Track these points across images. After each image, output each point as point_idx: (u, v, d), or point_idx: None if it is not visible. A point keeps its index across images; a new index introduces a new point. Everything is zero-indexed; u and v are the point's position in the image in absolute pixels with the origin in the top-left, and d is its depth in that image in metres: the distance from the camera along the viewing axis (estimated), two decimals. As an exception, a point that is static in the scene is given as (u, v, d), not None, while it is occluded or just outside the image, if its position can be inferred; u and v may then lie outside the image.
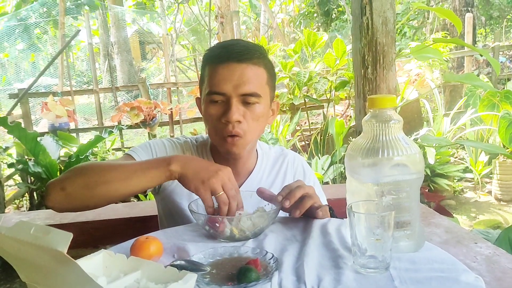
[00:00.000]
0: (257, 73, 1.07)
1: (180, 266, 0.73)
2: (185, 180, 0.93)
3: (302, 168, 1.29)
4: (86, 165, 1.00)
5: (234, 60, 1.05)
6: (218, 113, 1.07)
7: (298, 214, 0.96)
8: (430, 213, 1.41)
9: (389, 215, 0.74)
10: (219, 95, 1.06)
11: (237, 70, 1.05)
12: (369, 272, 0.74)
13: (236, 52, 1.06)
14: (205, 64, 1.11)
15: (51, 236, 0.52)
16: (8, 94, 5.41)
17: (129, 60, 11.66)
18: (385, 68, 1.72)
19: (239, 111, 1.05)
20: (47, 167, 3.78)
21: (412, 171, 0.82)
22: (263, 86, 1.09)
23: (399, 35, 10.24)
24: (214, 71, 1.07)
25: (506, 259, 1.00)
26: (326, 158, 3.90)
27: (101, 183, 0.94)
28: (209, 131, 1.12)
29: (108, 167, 0.97)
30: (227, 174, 0.93)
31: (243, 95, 1.05)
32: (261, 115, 1.09)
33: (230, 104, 1.05)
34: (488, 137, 4.57)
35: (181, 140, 1.23)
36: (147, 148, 1.16)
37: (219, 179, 0.91)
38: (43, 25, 11.36)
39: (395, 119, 0.83)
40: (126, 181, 0.94)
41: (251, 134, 1.09)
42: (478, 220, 3.78)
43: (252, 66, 1.06)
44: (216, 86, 1.05)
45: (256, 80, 1.07)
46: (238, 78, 1.04)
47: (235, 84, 1.04)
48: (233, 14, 7.43)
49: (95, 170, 0.97)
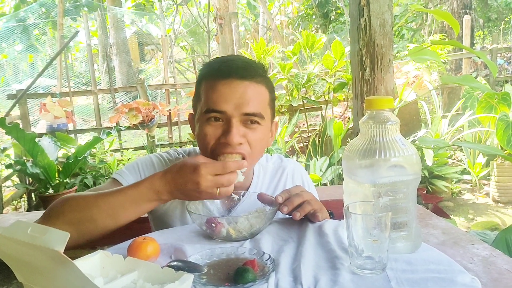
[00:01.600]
0: (259, 92, 0.99)
1: (177, 267, 0.73)
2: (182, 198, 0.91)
3: (302, 180, 1.23)
4: (67, 199, 0.92)
5: (235, 77, 0.97)
6: (216, 133, 0.97)
7: (298, 216, 0.94)
8: (427, 214, 1.42)
9: (386, 216, 0.74)
10: (219, 113, 0.97)
11: (239, 87, 0.96)
12: (366, 273, 0.75)
13: (238, 68, 0.98)
14: (202, 79, 1.03)
15: (48, 236, 0.52)
16: (7, 95, 5.40)
17: (127, 61, 11.66)
18: (383, 69, 1.72)
19: (239, 133, 0.96)
20: (45, 168, 3.78)
21: (409, 172, 0.82)
22: (266, 106, 1.02)
23: (397, 37, 10.26)
24: (213, 87, 0.98)
25: (503, 261, 1.00)
26: (324, 159, 3.91)
27: (86, 221, 0.88)
28: (203, 152, 1.02)
29: (93, 200, 0.89)
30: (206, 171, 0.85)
31: (245, 115, 0.97)
32: (262, 138, 1.01)
33: (230, 124, 0.96)
34: (486, 139, 4.58)
35: (172, 156, 1.16)
36: (134, 170, 1.10)
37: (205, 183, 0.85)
38: (42, 26, 11.35)
39: (392, 120, 0.83)
40: (114, 216, 0.88)
41: (253, 157, 1.02)
42: (476, 221, 3.78)
43: (255, 85, 0.99)
44: (215, 103, 0.96)
45: (258, 99, 0.99)
46: (240, 96, 0.96)
47: (236, 102, 0.96)
48: (232, 16, 7.44)
49: (79, 206, 0.89)
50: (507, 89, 4.66)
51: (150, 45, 15.90)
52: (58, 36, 7.84)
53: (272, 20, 10.12)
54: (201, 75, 1.05)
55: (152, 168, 1.11)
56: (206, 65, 1.06)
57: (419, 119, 4.92)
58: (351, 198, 0.86)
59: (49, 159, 3.78)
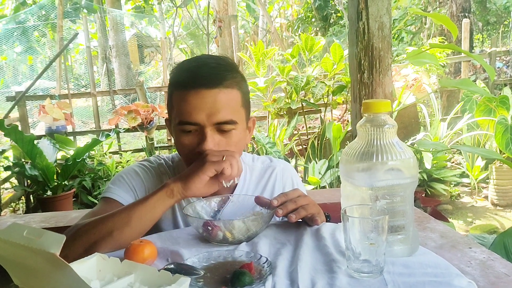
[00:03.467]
0: (230, 98, 0.98)
1: (173, 270, 0.73)
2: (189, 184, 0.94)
3: (291, 181, 1.21)
4: (77, 227, 0.92)
5: (204, 86, 0.96)
6: (192, 143, 0.99)
7: (293, 219, 0.94)
8: (425, 217, 1.41)
9: (383, 219, 0.74)
10: (192, 125, 0.98)
11: (209, 97, 0.96)
12: (363, 277, 0.75)
13: (205, 76, 0.97)
14: (172, 89, 1.02)
15: (44, 239, 0.52)
16: (6, 97, 5.40)
17: (127, 63, 11.67)
18: (381, 72, 1.72)
19: (214, 141, 0.98)
20: (44, 170, 3.78)
21: (406, 176, 0.82)
22: (238, 110, 1.01)
23: (397, 40, 10.28)
24: (183, 99, 0.98)
25: (500, 264, 1.00)
26: (323, 162, 3.91)
27: (102, 239, 0.88)
28: (183, 160, 1.05)
29: (102, 219, 0.90)
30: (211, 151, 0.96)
31: (217, 124, 0.98)
32: (238, 140, 1.02)
33: (204, 134, 0.97)
34: (485, 142, 4.58)
35: (154, 163, 1.15)
36: (122, 183, 1.09)
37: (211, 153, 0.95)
38: (42, 28, 11.36)
39: (390, 123, 0.83)
40: (127, 224, 0.89)
41: None
42: (475, 225, 3.78)
43: (225, 90, 0.97)
44: (187, 116, 0.97)
45: (230, 105, 0.98)
46: (210, 106, 0.96)
47: (208, 112, 0.96)
48: (231, 18, 7.45)
49: (89, 229, 0.90)
50: (506, 92, 4.67)
51: (150, 47, 15.92)
52: (57, 38, 7.85)
53: (272, 23, 10.14)
54: (170, 84, 1.04)
55: (138, 177, 1.10)
56: (174, 73, 1.04)
57: (418, 122, 4.93)
58: (349, 201, 0.86)
59: (48, 161, 3.78)
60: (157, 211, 0.93)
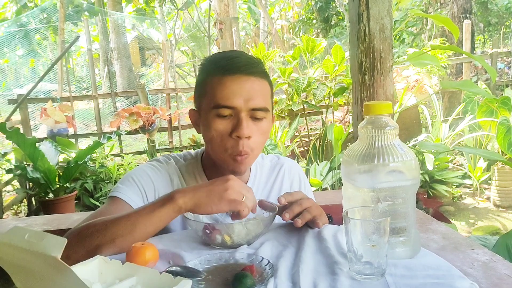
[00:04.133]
0: (263, 87, 1.04)
1: (175, 272, 0.73)
2: (200, 207, 0.88)
3: (299, 178, 1.25)
4: (81, 229, 0.91)
5: (243, 73, 1.00)
6: (226, 128, 1.01)
7: (299, 224, 0.95)
8: (427, 219, 1.41)
9: (385, 221, 0.74)
10: (228, 109, 1.00)
11: (247, 83, 1.00)
12: (365, 279, 0.74)
13: (244, 64, 1.02)
14: (207, 75, 1.04)
15: (45, 242, 0.52)
16: (8, 100, 5.42)
17: (128, 66, 11.69)
18: (383, 74, 1.72)
19: (248, 127, 1.00)
20: (45, 173, 3.79)
21: (407, 177, 0.82)
22: (269, 100, 1.06)
23: (398, 41, 10.28)
24: (221, 83, 1.00)
25: (503, 266, 0.99)
26: (324, 164, 3.91)
27: (104, 244, 0.87)
28: (214, 147, 1.04)
29: (106, 224, 0.89)
30: (235, 180, 0.90)
31: (252, 110, 1.01)
32: (267, 130, 1.06)
33: (240, 118, 1.00)
34: (487, 143, 4.58)
35: (163, 162, 1.15)
36: (131, 183, 1.08)
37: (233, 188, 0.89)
38: (43, 31, 11.40)
39: (391, 125, 0.83)
40: (131, 233, 0.87)
41: (257, 150, 1.05)
42: (477, 226, 3.78)
43: (260, 80, 1.03)
44: (225, 99, 0.99)
45: (263, 94, 1.03)
46: (248, 91, 1.00)
47: (245, 98, 0.99)
48: (232, 21, 7.47)
49: (93, 233, 0.89)
50: (508, 93, 4.66)
51: (151, 49, 15.95)
52: (59, 41, 7.87)
53: (273, 24, 10.15)
54: (206, 71, 1.06)
55: (148, 178, 1.09)
56: (210, 61, 1.07)
57: (419, 124, 4.92)
58: (350, 203, 0.86)
59: (50, 164, 3.79)
60: (162, 223, 0.90)
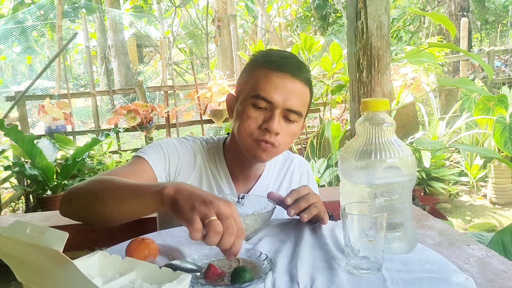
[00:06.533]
0: (304, 92, 1.07)
1: (175, 267, 0.74)
2: (175, 206, 0.75)
3: (307, 173, 1.30)
4: (98, 179, 0.94)
5: (290, 73, 1.04)
6: (258, 118, 1.05)
7: (306, 218, 0.96)
8: (424, 215, 1.43)
9: (382, 217, 0.75)
10: (266, 102, 1.04)
11: (290, 83, 1.04)
12: (362, 273, 0.75)
13: (294, 66, 1.05)
14: (256, 65, 1.09)
15: (47, 236, 0.52)
16: (5, 97, 5.40)
17: (126, 63, 11.66)
18: (380, 72, 1.73)
19: (279, 124, 1.04)
20: (43, 170, 3.78)
21: (404, 173, 0.83)
22: (305, 106, 1.09)
23: (395, 39, 10.29)
24: (267, 76, 1.04)
25: (498, 261, 1.01)
26: (322, 161, 3.92)
27: (98, 202, 0.89)
28: (241, 131, 1.06)
29: (111, 184, 0.90)
30: (229, 207, 0.73)
31: (287, 110, 1.04)
32: (295, 134, 1.10)
33: (273, 114, 1.03)
34: (483, 141, 4.60)
35: (190, 140, 1.19)
36: (158, 150, 1.11)
37: (214, 207, 0.72)
38: (41, 28, 11.35)
39: (388, 122, 0.84)
40: (120, 204, 0.86)
41: (283, 147, 1.09)
42: (473, 223, 3.80)
43: (303, 85, 1.06)
44: (266, 92, 1.03)
45: (302, 98, 1.06)
46: (289, 91, 1.04)
47: (284, 96, 1.03)
48: (230, 18, 7.45)
49: (99, 187, 0.91)
50: (504, 91, 4.68)
51: (149, 47, 15.91)
52: (56, 38, 7.84)
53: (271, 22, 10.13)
54: (256, 61, 1.10)
55: (174, 149, 1.13)
56: (263, 54, 1.11)
57: (416, 121, 4.94)
58: (348, 199, 0.87)
59: (48, 161, 3.79)
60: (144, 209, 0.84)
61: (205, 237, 0.70)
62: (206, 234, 0.70)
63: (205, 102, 5.07)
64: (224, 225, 0.70)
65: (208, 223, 0.70)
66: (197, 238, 0.70)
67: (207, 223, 0.70)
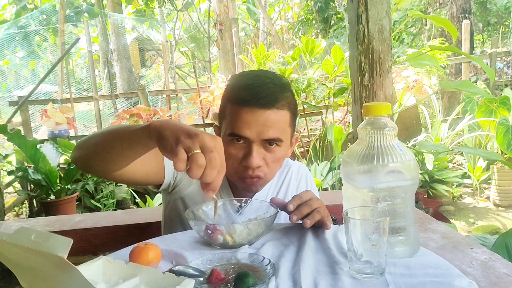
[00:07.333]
0: (280, 118, 1.04)
1: (178, 272, 0.74)
2: (161, 138, 0.75)
3: (306, 180, 1.29)
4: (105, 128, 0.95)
5: (259, 106, 1.02)
6: (238, 155, 1.05)
7: (308, 224, 0.95)
8: (427, 218, 1.42)
9: (384, 221, 0.75)
10: (241, 138, 1.04)
11: (261, 116, 1.02)
12: (365, 277, 0.75)
13: (262, 97, 1.02)
14: (227, 101, 1.08)
15: (52, 242, 0.53)
16: (8, 102, 5.43)
17: (128, 67, 11.70)
18: (382, 75, 1.73)
19: (259, 156, 1.04)
20: (47, 174, 3.79)
21: (407, 178, 0.83)
22: (285, 129, 1.07)
23: (397, 41, 10.29)
24: (237, 113, 1.04)
25: (502, 264, 1.00)
26: (325, 164, 3.91)
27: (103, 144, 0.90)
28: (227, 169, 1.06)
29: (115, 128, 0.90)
30: (214, 140, 0.72)
31: (265, 141, 1.04)
32: (281, 157, 1.09)
33: (251, 148, 1.03)
34: (486, 143, 4.58)
35: None
36: None
37: (198, 139, 0.71)
38: (43, 33, 11.40)
39: (390, 126, 0.84)
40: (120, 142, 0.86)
41: (270, 174, 1.09)
42: (477, 225, 3.78)
43: (277, 111, 1.03)
44: (238, 129, 1.03)
45: (279, 125, 1.04)
46: (261, 124, 1.02)
47: (258, 130, 1.02)
48: (232, 21, 7.47)
49: (105, 131, 0.92)
50: (507, 93, 4.67)
51: (151, 50, 15.96)
52: (59, 43, 7.87)
53: (272, 25, 10.15)
54: (227, 97, 1.09)
55: None
56: (232, 86, 1.09)
57: (419, 124, 4.93)
58: (350, 203, 0.87)
59: (51, 165, 3.80)
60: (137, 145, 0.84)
61: (188, 171, 0.69)
62: (189, 167, 0.69)
63: (207, 106, 5.08)
64: (207, 158, 0.70)
65: (191, 156, 0.69)
66: (181, 168, 0.69)
67: (190, 156, 0.69)
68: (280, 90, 1.06)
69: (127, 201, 4.39)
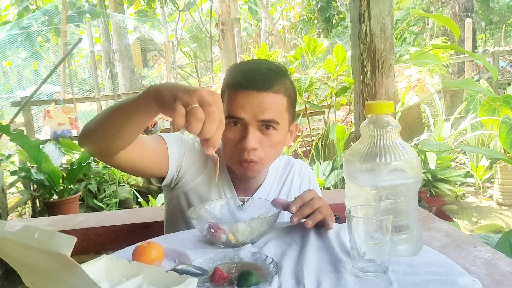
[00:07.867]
0: (275, 101, 1.06)
1: (181, 271, 0.75)
2: (159, 97, 0.75)
3: (308, 178, 1.29)
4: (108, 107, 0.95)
5: (253, 89, 1.04)
6: (235, 138, 1.06)
7: (310, 225, 0.96)
8: (430, 217, 1.42)
9: (387, 219, 0.75)
10: (237, 119, 1.05)
11: (257, 98, 1.04)
12: (368, 276, 0.75)
13: (257, 80, 1.05)
14: (225, 86, 1.11)
15: (55, 240, 0.53)
16: (11, 102, 5.45)
17: (130, 67, 11.71)
18: (384, 74, 1.73)
19: (255, 138, 1.05)
20: (49, 175, 3.80)
21: (409, 176, 0.83)
22: (282, 113, 1.08)
23: (399, 40, 10.27)
24: (232, 97, 1.06)
25: (505, 263, 1.00)
26: (327, 163, 3.91)
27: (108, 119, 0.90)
28: (224, 153, 1.11)
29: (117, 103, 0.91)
30: (212, 95, 0.71)
31: (260, 122, 1.05)
32: (278, 142, 1.09)
33: (247, 130, 1.04)
34: (489, 141, 4.57)
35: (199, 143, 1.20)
36: (178, 140, 1.15)
37: (196, 94, 0.70)
38: (45, 33, 11.42)
39: (393, 124, 0.84)
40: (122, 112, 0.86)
41: (267, 159, 1.09)
42: (480, 224, 3.77)
43: (272, 94, 1.05)
44: (234, 111, 1.05)
45: (274, 107, 1.05)
46: (257, 105, 1.04)
47: (253, 111, 1.04)
48: (234, 21, 7.47)
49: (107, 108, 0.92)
50: (510, 91, 4.66)
51: (153, 51, 15.98)
52: (61, 43, 7.88)
53: (274, 25, 10.15)
54: (224, 83, 1.12)
55: (193, 149, 1.17)
56: (229, 73, 1.12)
57: (421, 123, 4.92)
58: (353, 201, 0.87)
59: (53, 166, 3.81)
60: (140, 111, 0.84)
61: (187, 126, 0.68)
62: (188, 123, 0.68)
63: (209, 106, 5.07)
64: (206, 112, 0.68)
65: (189, 110, 0.68)
66: (181, 123, 0.68)
67: (188, 110, 0.68)
68: (276, 75, 1.07)
69: (130, 201, 4.40)
